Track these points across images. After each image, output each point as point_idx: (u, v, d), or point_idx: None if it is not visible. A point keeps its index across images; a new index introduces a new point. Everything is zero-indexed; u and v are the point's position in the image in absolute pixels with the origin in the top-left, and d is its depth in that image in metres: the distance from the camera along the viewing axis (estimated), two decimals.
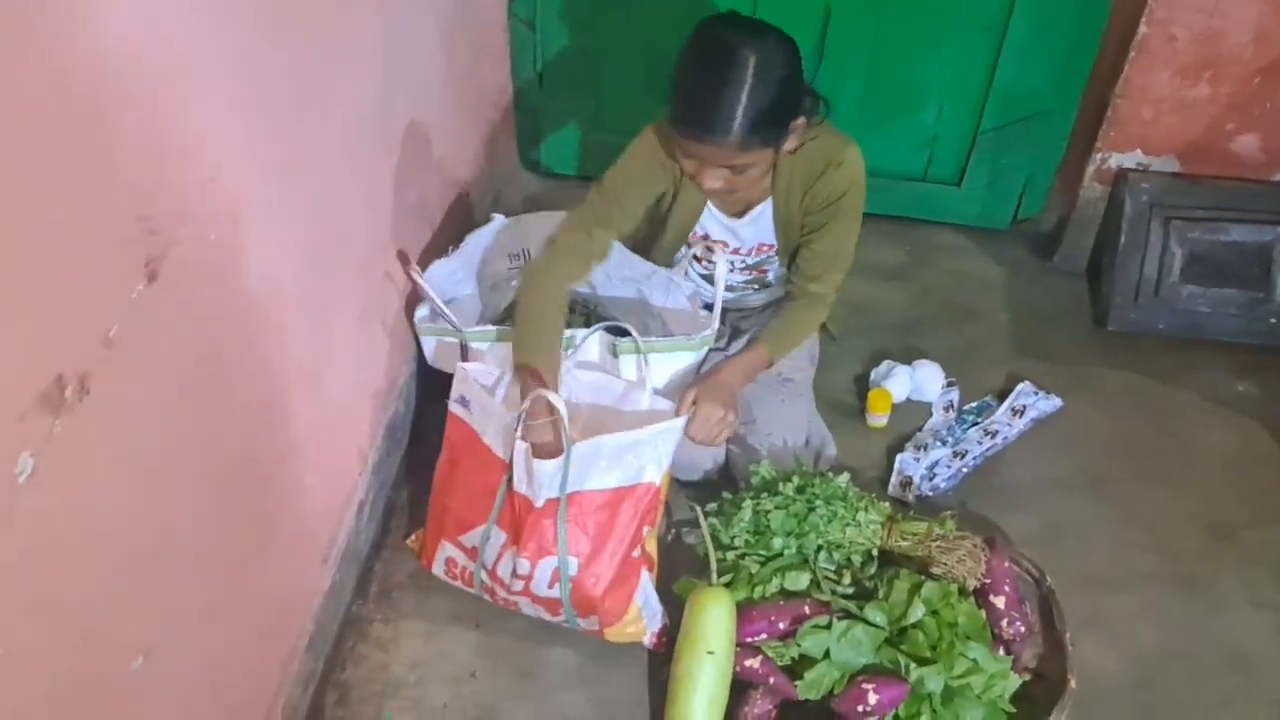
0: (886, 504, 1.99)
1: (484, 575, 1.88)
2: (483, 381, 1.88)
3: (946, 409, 2.38)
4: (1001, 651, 1.84)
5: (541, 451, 1.78)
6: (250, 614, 1.56)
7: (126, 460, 1.17)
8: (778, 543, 1.90)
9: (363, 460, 1.96)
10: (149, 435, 1.22)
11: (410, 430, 2.20)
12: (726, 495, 2.02)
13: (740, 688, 1.82)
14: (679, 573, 2.00)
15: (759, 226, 2.10)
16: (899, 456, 2.25)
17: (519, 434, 1.78)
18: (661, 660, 1.90)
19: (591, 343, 1.99)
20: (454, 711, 1.86)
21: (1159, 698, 1.92)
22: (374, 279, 1.96)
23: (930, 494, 2.21)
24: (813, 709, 1.79)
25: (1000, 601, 1.89)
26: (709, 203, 2.07)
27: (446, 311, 2.00)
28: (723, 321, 2.26)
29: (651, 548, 1.94)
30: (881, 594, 1.84)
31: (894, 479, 2.23)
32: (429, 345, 2.09)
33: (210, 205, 1.29)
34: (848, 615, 1.84)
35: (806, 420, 2.18)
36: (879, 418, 2.35)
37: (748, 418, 2.15)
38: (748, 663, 1.82)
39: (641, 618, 1.89)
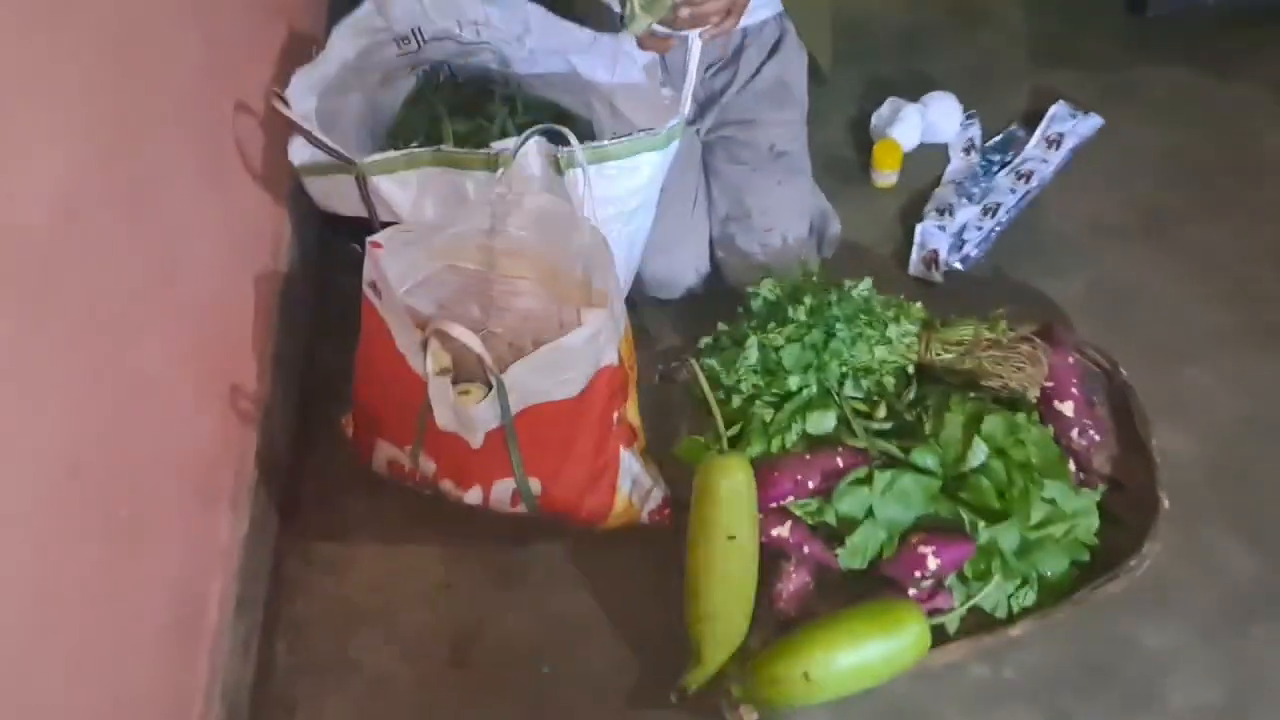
0: (918, 305, 1.60)
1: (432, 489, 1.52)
2: (388, 270, 1.42)
3: (967, 150, 1.94)
4: (1071, 465, 1.53)
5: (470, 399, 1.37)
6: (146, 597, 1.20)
7: None
8: (794, 381, 1.53)
9: (260, 357, 1.53)
10: None
11: (317, 284, 1.75)
12: (722, 327, 1.62)
13: (769, 557, 1.51)
14: (674, 422, 1.64)
15: None
16: (919, 228, 1.83)
17: (428, 365, 1.36)
18: (669, 536, 1.57)
19: (529, 153, 1.50)
20: (432, 633, 1.55)
21: (1248, 485, 1.62)
22: (217, 118, 1.45)
23: (960, 266, 1.82)
24: (856, 574, 1.49)
25: (1068, 408, 1.55)
26: None
27: (326, 140, 1.50)
28: (708, 150, 1.78)
29: (633, 415, 1.57)
30: (929, 429, 1.50)
31: (915, 256, 1.83)
32: (316, 190, 1.60)
33: None
34: (890, 462, 1.50)
35: (809, 203, 1.75)
36: (887, 175, 1.91)
37: (737, 211, 1.71)
38: (775, 531, 1.50)
39: (632, 504, 1.54)
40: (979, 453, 1.44)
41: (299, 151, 1.52)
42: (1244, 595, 1.54)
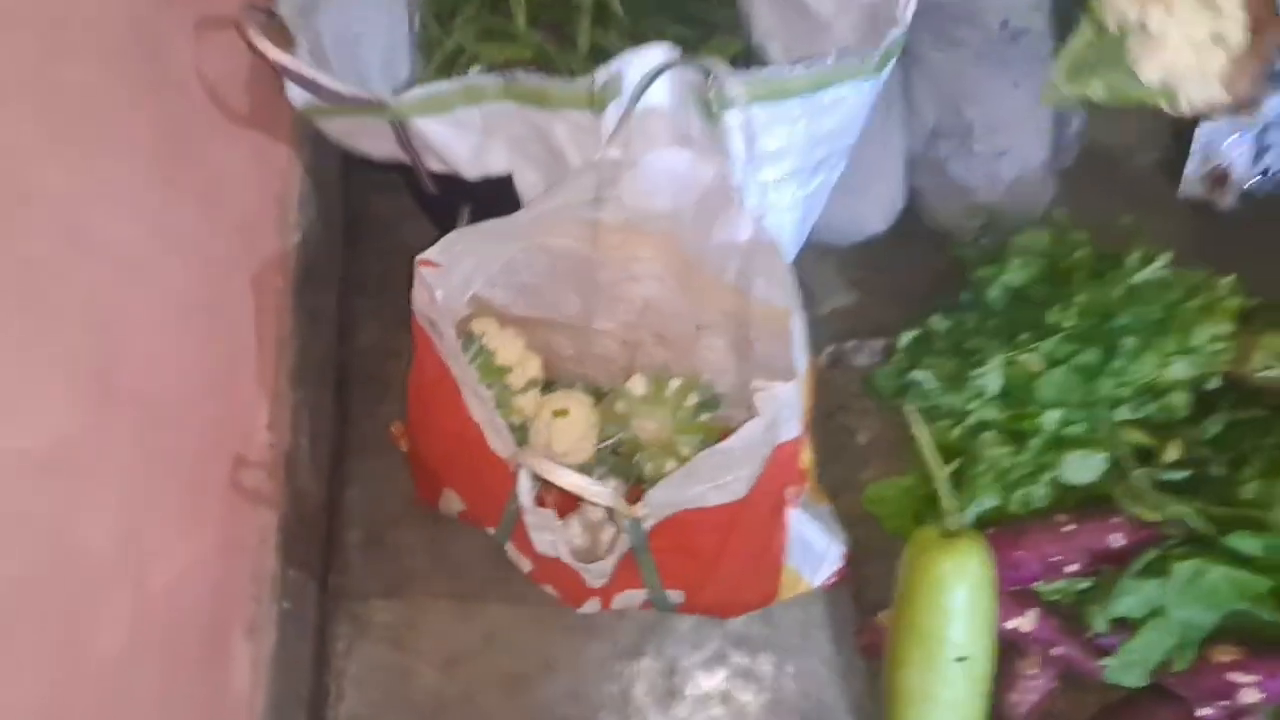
0: (1228, 284, 1.07)
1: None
2: (450, 302, 0.91)
3: None
4: None
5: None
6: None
7: None
8: (1051, 419, 1.04)
9: (272, 398, 1.05)
10: None
11: (344, 230, 1.24)
12: (938, 319, 1.11)
13: (1001, 651, 1.08)
14: (846, 423, 1.18)
15: None
16: (1200, 130, 1.25)
17: (520, 490, 0.88)
18: (851, 598, 1.15)
19: (660, 88, 0.93)
20: None
21: None
22: (167, 57, 0.90)
23: (1257, 190, 1.26)
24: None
25: None
26: None
27: (334, 85, 0.94)
28: None
29: (804, 458, 1.09)
30: (1250, 492, 1.01)
31: (1193, 168, 1.26)
32: (334, 130, 1.05)
33: None
34: (1190, 540, 1.02)
35: (1050, 112, 1.18)
36: None
37: (952, 124, 1.16)
38: (1012, 624, 1.06)
39: (802, 577, 1.09)
40: None
41: (299, 92, 0.97)
42: None
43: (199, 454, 0.90)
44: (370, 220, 1.29)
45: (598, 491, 0.83)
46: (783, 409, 0.88)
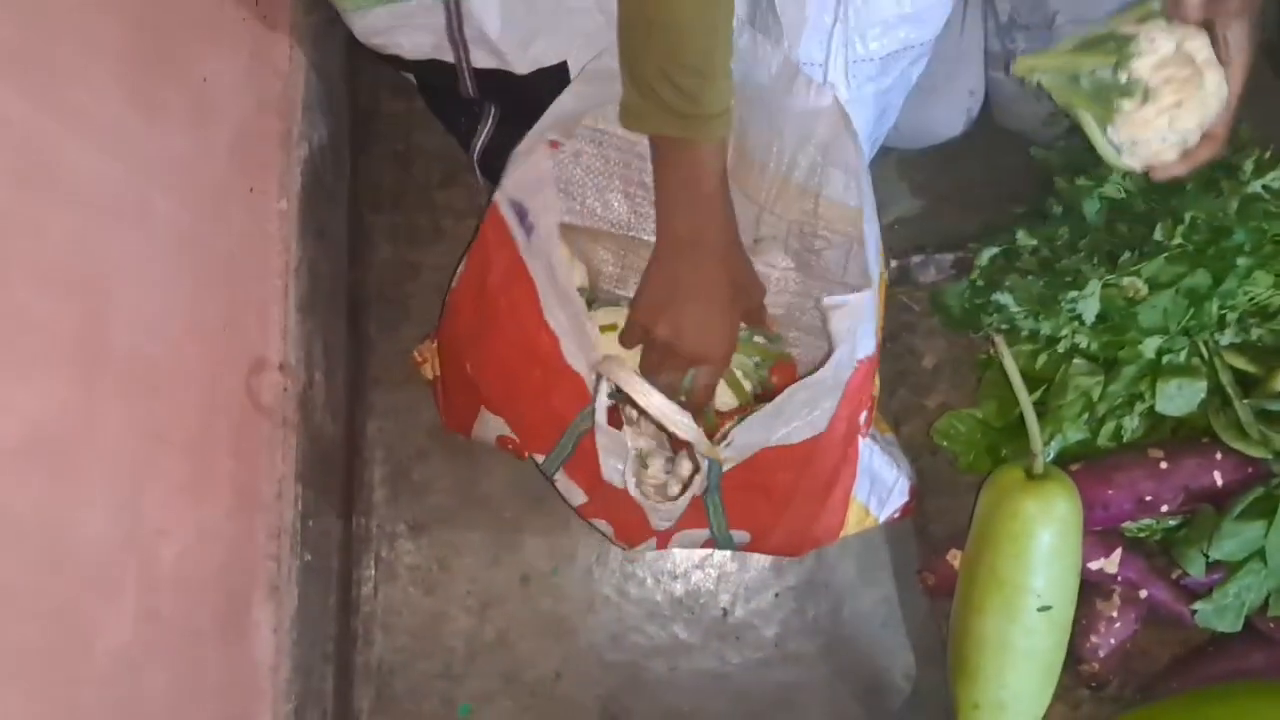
0: None
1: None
2: (568, 186, 0.82)
3: None
4: None
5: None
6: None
7: None
8: (1151, 345, 0.93)
9: (283, 334, 0.94)
10: None
11: (350, 145, 1.11)
12: (1024, 235, 0.98)
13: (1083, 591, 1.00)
14: (912, 344, 1.08)
15: None
16: None
17: (599, 415, 0.78)
18: (909, 530, 1.06)
19: None
20: (571, 677, 1.09)
21: None
22: None
23: None
24: None
25: None
26: None
27: None
28: None
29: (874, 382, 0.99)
30: None
31: None
32: (364, 26, 0.90)
33: None
34: None
35: None
36: None
37: (1031, 14, 1.01)
38: (1094, 564, 0.98)
39: (869, 512, 1.00)
40: None
41: None
42: None
43: (202, 410, 0.80)
44: (381, 123, 1.16)
45: (683, 424, 0.75)
46: (860, 323, 0.79)
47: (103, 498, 0.64)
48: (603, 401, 0.81)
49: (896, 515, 1.04)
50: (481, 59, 0.88)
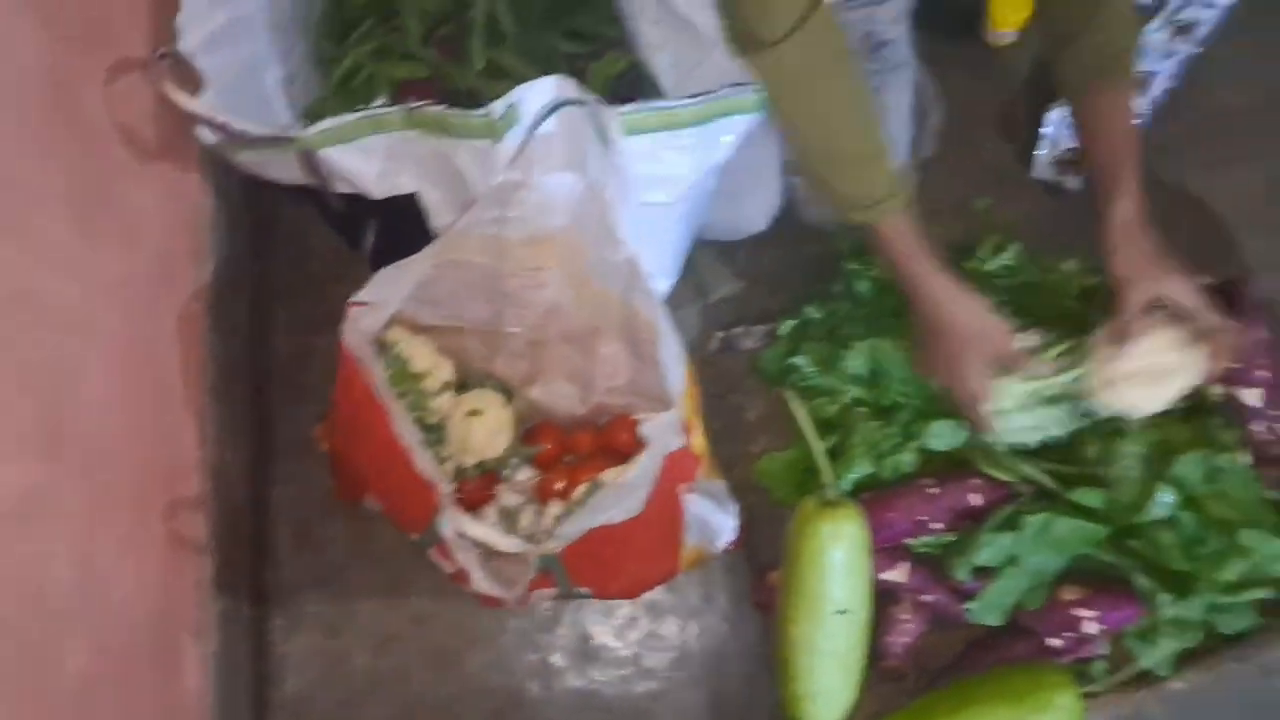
0: (1073, 265, 1.21)
1: None
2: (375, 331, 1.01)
3: None
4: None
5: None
6: None
7: None
8: (909, 397, 1.16)
9: (198, 418, 1.11)
10: None
11: (253, 248, 1.30)
12: (813, 309, 1.21)
13: (878, 600, 1.21)
14: (737, 403, 1.29)
15: None
16: (1053, 116, 1.37)
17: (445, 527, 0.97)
18: (745, 561, 1.27)
19: (564, 117, 1.02)
20: (464, 701, 1.26)
21: None
22: (76, 107, 0.94)
23: None
24: None
25: (1253, 396, 1.22)
26: None
27: (241, 127, 1.01)
28: None
29: (697, 443, 1.20)
30: (1092, 454, 1.15)
31: (1043, 154, 1.38)
32: (246, 161, 1.10)
33: None
34: (1041, 495, 1.16)
35: (910, 112, 1.29)
36: (1006, 34, 1.42)
37: None
38: (887, 576, 1.19)
39: (700, 551, 1.20)
40: (1164, 504, 1.11)
41: (209, 132, 1.02)
42: None
43: (139, 479, 0.97)
44: (280, 229, 1.34)
45: (509, 543, 0.93)
46: (666, 434, 0.98)
47: (65, 551, 0.81)
48: (447, 528, 0.98)
49: (728, 549, 1.25)
50: (342, 186, 1.08)
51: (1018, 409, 1.10)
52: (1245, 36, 1.43)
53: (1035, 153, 1.38)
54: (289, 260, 1.34)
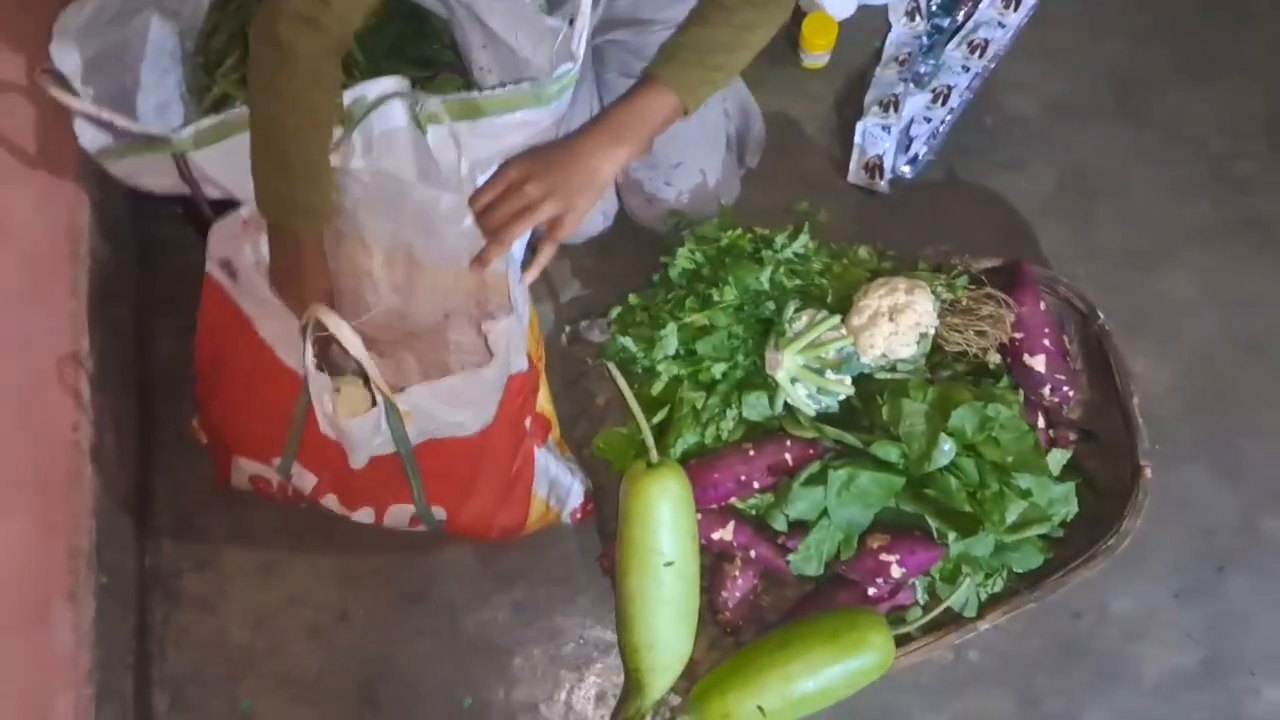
0: (866, 253, 1.36)
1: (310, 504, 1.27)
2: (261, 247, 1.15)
3: (911, 13, 1.62)
4: (1040, 421, 1.35)
5: (346, 405, 1.10)
6: None
7: None
8: (718, 369, 1.30)
9: (76, 397, 1.23)
10: None
11: (137, 252, 1.42)
12: (634, 297, 1.36)
13: (711, 560, 1.34)
14: (588, 389, 1.42)
15: None
16: (860, 127, 1.54)
17: (308, 359, 1.08)
18: (592, 528, 1.38)
19: (395, 107, 1.17)
20: (333, 671, 1.36)
21: (1230, 411, 1.47)
22: None
23: (908, 171, 1.55)
24: None
25: (1039, 363, 1.36)
26: None
27: (121, 122, 1.14)
28: (598, 58, 1.42)
29: (544, 404, 1.33)
30: (885, 415, 1.28)
31: (855, 162, 1.54)
32: (120, 171, 1.22)
33: None
34: (844, 451, 1.30)
35: (722, 126, 1.44)
36: (818, 56, 1.59)
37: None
38: (717, 535, 1.32)
39: (550, 507, 1.33)
40: (945, 452, 1.24)
41: (91, 137, 1.15)
42: (1221, 543, 1.42)
43: (12, 453, 1.08)
44: (161, 246, 1.47)
45: (369, 359, 1.04)
46: (510, 340, 1.11)
47: None
48: (308, 353, 1.07)
49: (579, 516, 1.37)
50: (211, 192, 1.21)
51: (802, 378, 1.24)
52: (1034, 52, 1.61)
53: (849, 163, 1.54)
54: (171, 275, 1.45)
